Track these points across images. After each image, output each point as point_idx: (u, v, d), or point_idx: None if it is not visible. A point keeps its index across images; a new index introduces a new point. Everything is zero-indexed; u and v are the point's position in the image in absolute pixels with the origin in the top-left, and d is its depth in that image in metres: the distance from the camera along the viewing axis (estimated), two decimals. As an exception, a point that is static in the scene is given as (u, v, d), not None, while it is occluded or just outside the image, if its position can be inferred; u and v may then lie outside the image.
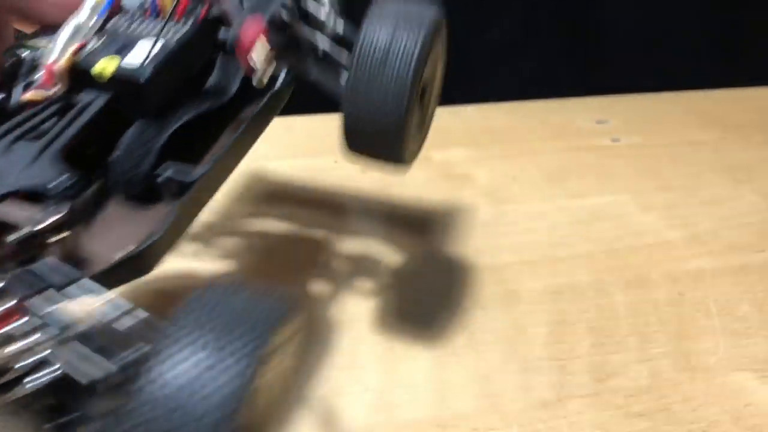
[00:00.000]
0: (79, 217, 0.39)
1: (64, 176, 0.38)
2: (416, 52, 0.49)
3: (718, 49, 1.23)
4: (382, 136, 0.51)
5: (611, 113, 1.05)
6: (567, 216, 0.83)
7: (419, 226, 0.79)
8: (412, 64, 0.48)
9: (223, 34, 0.50)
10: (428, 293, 0.70)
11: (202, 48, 0.50)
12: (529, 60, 1.23)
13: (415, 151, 0.56)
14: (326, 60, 0.53)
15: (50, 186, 0.37)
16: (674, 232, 0.81)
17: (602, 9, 1.22)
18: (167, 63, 0.44)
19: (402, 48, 0.48)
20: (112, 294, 0.34)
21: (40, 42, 0.48)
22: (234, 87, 0.51)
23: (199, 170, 0.43)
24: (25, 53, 0.47)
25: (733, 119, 1.06)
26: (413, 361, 0.61)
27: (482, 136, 0.97)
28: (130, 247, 0.39)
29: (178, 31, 0.47)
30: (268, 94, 0.52)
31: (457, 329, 0.65)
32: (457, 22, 0.58)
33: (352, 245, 0.74)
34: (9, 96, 0.45)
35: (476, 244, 0.77)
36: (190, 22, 0.47)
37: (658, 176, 0.91)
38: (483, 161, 0.91)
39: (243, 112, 0.51)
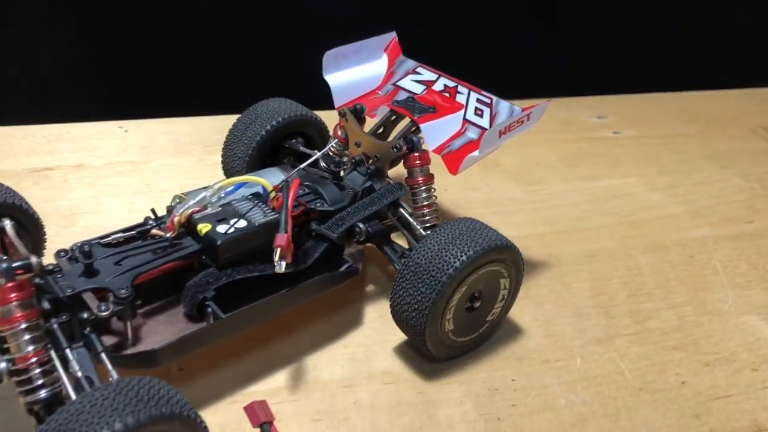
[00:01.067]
0: (124, 317, 0.55)
1: (127, 291, 0.55)
2: (449, 272, 0.59)
3: (694, 54, 1.39)
4: (412, 333, 0.63)
5: (608, 110, 1.19)
6: (586, 195, 0.96)
7: (466, 203, 0.91)
8: (440, 283, 0.59)
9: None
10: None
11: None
12: (516, 63, 1.36)
13: (454, 347, 0.65)
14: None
15: (119, 293, 0.55)
16: (678, 207, 0.95)
17: (589, 22, 1.37)
18: (242, 236, 0.60)
19: (439, 266, 0.60)
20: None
21: (186, 196, 0.63)
22: (311, 260, 0.64)
23: (229, 314, 0.58)
24: (176, 201, 0.64)
25: (713, 115, 1.21)
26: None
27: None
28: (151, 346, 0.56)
29: (266, 216, 0.62)
30: (327, 275, 0.66)
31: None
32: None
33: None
34: (159, 225, 0.62)
35: (516, 219, 0.89)
36: (275, 214, 0.62)
37: (657, 162, 1.05)
38: (508, 149, 1.02)
39: (305, 281, 0.64)
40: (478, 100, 0.74)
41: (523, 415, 0.62)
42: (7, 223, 0.52)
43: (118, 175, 0.90)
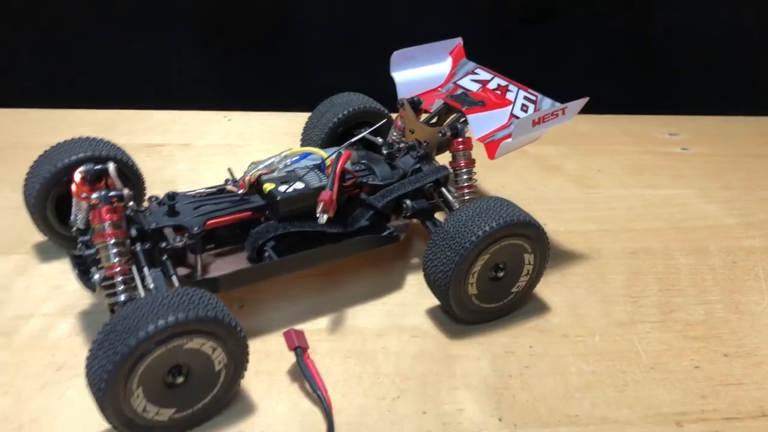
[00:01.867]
0: (195, 250, 0.67)
1: (198, 229, 0.67)
2: (472, 239, 0.67)
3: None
4: (438, 293, 0.72)
5: (681, 128, 1.22)
6: (641, 201, 1.00)
7: (521, 199, 0.97)
8: (463, 248, 0.67)
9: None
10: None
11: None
12: (606, 83, 1.41)
13: (479, 311, 0.72)
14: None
15: (192, 230, 0.66)
16: (732, 219, 0.97)
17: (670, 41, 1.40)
18: (299, 196, 0.71)
19: (464, 233, 0.68)
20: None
21: (261, 161, 0.75)
22: (358, 225, 0.74)
23: (281, 258, 0.69)
24: (252, 167, 0.75)
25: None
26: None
27: (570, 137, 1.15)
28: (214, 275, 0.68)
29: (321, 181, 0.73)
30: (369, 236, 0.75)
31: (551, 270, 0.82)
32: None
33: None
34: (234, 183, 0.74)
35: (566, 216, 0.95)
36: (327, 179, 0.72)
37: (720, 178, 1.07)
38: (571, 156, 1.09)
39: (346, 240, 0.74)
40: (524, 97, 0.82)
41: (532, 375, 0.68)
42: (111, 166, 0.65)
43: (217, 154, 1.04)
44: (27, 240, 0.82)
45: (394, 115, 0.92)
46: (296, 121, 1.14)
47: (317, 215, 0.68)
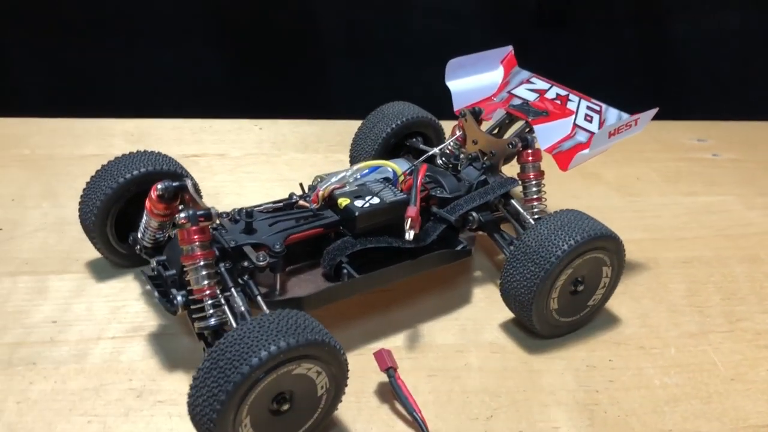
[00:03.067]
0: (276, 269, 0.65)
1: (280, 246, 0.64)
2: (558, 254, 0.66)
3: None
4: (519, 309, 0.70)
5: (709, 134, 1.23)
6: (684, 208, 1.00)
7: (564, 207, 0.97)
8: (548, 263, 0.66)
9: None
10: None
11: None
12: (623, 85, 1.42)
13: (557, 325, 0.72)
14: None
15: (274, 248, 0.64)
16: (775, 225, 0.98)
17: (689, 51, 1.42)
18: (376, 211, 0.69)
19: (548, 248, 0.67)
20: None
21: (326, 176, 0.73)
22: (430, 239, 0.72)
23: (362, 275, 0.67)
24: (318, 180, 0.73)
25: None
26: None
27: (603, 145, 1.15)
28: (298, 294, 0.66)
29: (396, 196, 0.71)
30: (445, 251, 0.73)
31: (614, 280, 0.82)
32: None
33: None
34: (305, 197, 0.72)
35: (616, 225, 0.94)
36: (403, 194, 0.71)
37: (755, 184, 1.09)
38: (608, 164, 1.09)
39: (425, 255, 0.72)
40: (588, 107, 0.81)
41: (618, 390, 0.68)
42: (189, 182, 0.62)
43: (255, 164, 1.01)
44: (78, 258, 0.78)
45: (443, 123, 0.91)
46: (328, 129, 1.13)
47: (405, 231, 0.67)
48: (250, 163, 1.01)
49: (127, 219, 0.73)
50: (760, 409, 0.67)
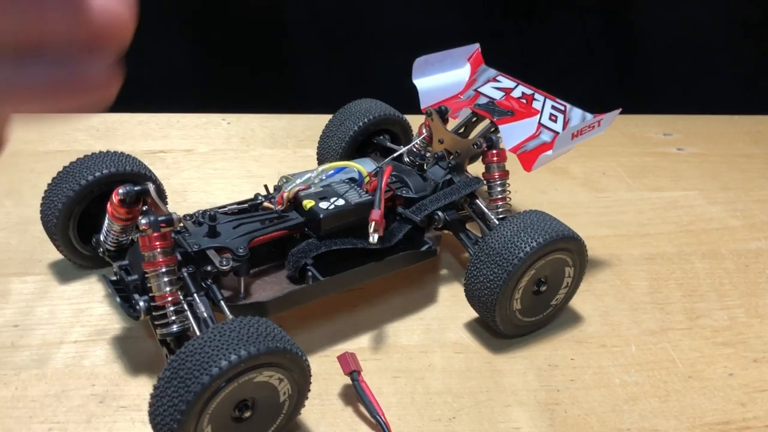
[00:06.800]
0: (240, 272, 0.64)
1: (244, 250, 0.64)
2: (520, 255, 0.66)
3: (762, 78, 1.43)
4: (483, 309, 0.71)
5: (674, 128, 1.24)
6: (649, 204, 1.02)
7: (536, 204, 0.98)
8: (511, 265, 0.67)
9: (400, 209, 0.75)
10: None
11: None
12: (588, 80, 1.43)
13: (520, 325, 0.72)
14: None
15: (238, 252, 0.64)
16: (736, 221, 1.00)
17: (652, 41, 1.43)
18: (341, 212, 0.69)
19: (511, 250, 0.67)
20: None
21: (292, 177, 0.72)
22: (396, 239, 0.73)
23: (327, 277, 0.67)
24: (283, 180, 0.72)
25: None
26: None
27: (571, 139, 1.16)
28: (262, 298, 0.66)
29: (361, 197, 0.71)
30: (411, 252, 0.74)
31: (578, 278, 0.83)
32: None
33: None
34: (270, 198, 0.72)
35: (581, 221, 0.96)
36: (368, 196, 0.71)
37: (718, 179, 1.10)
38: (576, 159, 1.10)
39: (391, 256, 0.72)
40: (552, 107, 0.82)
41: (579, 389, 0.69)
42: (151, 186, 0.62)
43: (223, 160, 1.00)
44: (42, 259, 0.78)
45: (407, 117, 0.91)
46: (297, 123, 1.13)
47: (370, 234, 0.67)
48: (218, 159, 1.01)
49: (91, 220, 0.72)
50: (715, 407, 0.69)
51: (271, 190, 0.74)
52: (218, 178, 0.96)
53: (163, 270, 0.59)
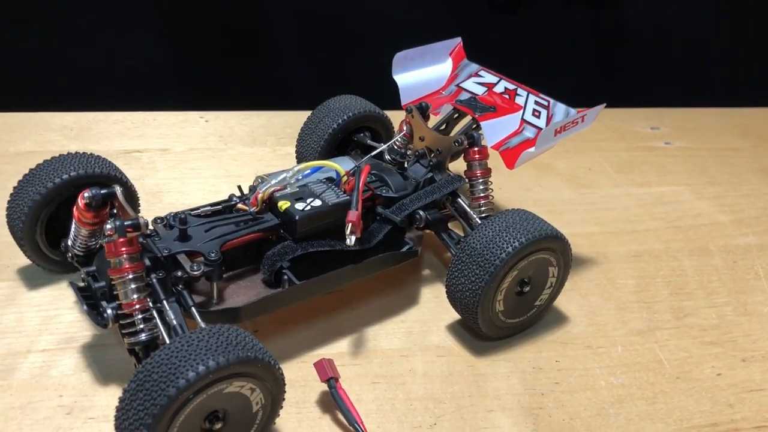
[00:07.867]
0: (212, 277, 0.62)
1: (216, 254, 0.62)
2: (502, 256, 0.65)
3: (749, 71, 1.42)
4: (465, 311, 0.69)
5: (661, 122, 1.23)
6: (636, 200, 1.00)
7: (519, 201, 0.96)
8: (493, 266, 0.65)
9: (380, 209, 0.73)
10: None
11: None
12: (574, 73, 1.42)
13: (504, 327, 0.70)
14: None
15: (210, 256, 0.62)
16: (724, 216, 0.98)
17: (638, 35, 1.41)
18: (317, 214, 0.67)
19: (493, 250, 0.65)
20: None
21: (267, 177, 0.70)
22: (375, 240, 0.70)
23: (304, 281, 0.65)
24: (258, 181, 0.70)
25: (765, 131, 1.24)
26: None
27: (556, 134, 1.14)
28: (236, 304, 0.63)
29: (339, 197, 0.69)
30: (391, 253, 0.72)
31: (563, 277, 0.81)
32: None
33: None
34: (244, 200, 0.69)
35: (567, 218, 0.94)
36: (346, 196, 0.69)
37: (706, 173, 1.09)
38: (562, 155, 1.08)
39: (371, 257, 0.70)
40: (536, 102, 0.80)
41: (564, 392, 0.67)
42: (118, 189, 0.59)
43: (200, 159, 0.98)
44: (9, 264, 0.75)
45: (387, 112, 0.89)
46: (276, 121, 1.10)
47: (347, 236, 0.65)
48: (195, 158, 0.98)
49: (60, 223, 0.70)
50: (703, 408, 0.67)
51: (246, 191, 0.72)
52: (195, 178, 0.93)
53: (130, 276, 0.57)
